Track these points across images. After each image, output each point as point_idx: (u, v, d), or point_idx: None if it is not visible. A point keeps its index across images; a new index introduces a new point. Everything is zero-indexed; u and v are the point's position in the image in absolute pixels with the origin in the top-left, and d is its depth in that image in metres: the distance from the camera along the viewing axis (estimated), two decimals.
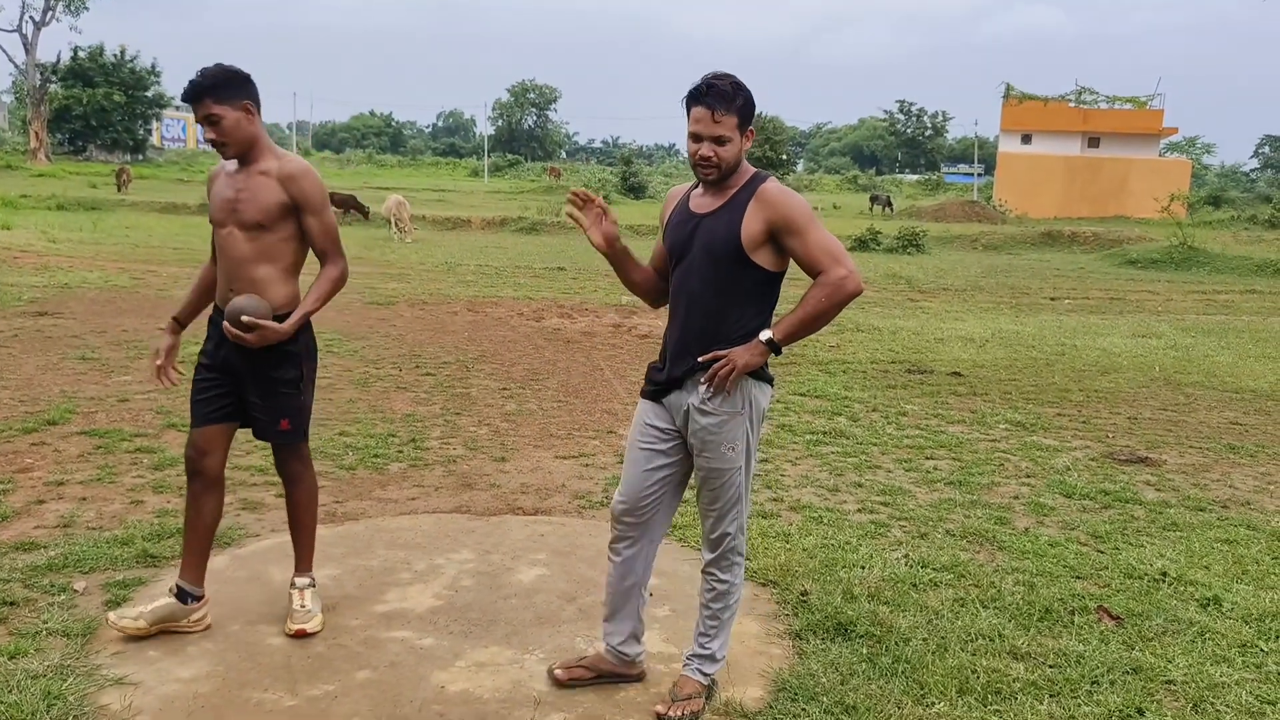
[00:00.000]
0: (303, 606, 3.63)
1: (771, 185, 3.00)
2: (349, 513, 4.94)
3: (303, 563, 3.79)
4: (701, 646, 3.23)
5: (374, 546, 4.49)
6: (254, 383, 3.56)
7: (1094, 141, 47.36)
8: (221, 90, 3.37)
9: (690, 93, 2.94)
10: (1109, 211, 42.19)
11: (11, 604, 3.68)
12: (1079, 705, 3.23)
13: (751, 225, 2.94)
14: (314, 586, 3.75)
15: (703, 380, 3.01)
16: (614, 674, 3.32)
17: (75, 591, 3.81)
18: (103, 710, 3.03)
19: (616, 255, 3.17)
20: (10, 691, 3.05)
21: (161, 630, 3.50)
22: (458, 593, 4.03)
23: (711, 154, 2.93)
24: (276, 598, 3.88)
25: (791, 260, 3.03)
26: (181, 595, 3.55)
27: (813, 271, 2.97)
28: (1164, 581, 4.30)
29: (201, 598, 3.60)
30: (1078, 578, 4.34)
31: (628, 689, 3.32)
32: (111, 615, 3.49)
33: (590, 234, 3.11)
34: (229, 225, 3.48)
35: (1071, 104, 46.56)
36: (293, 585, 3.72)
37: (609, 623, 3.32)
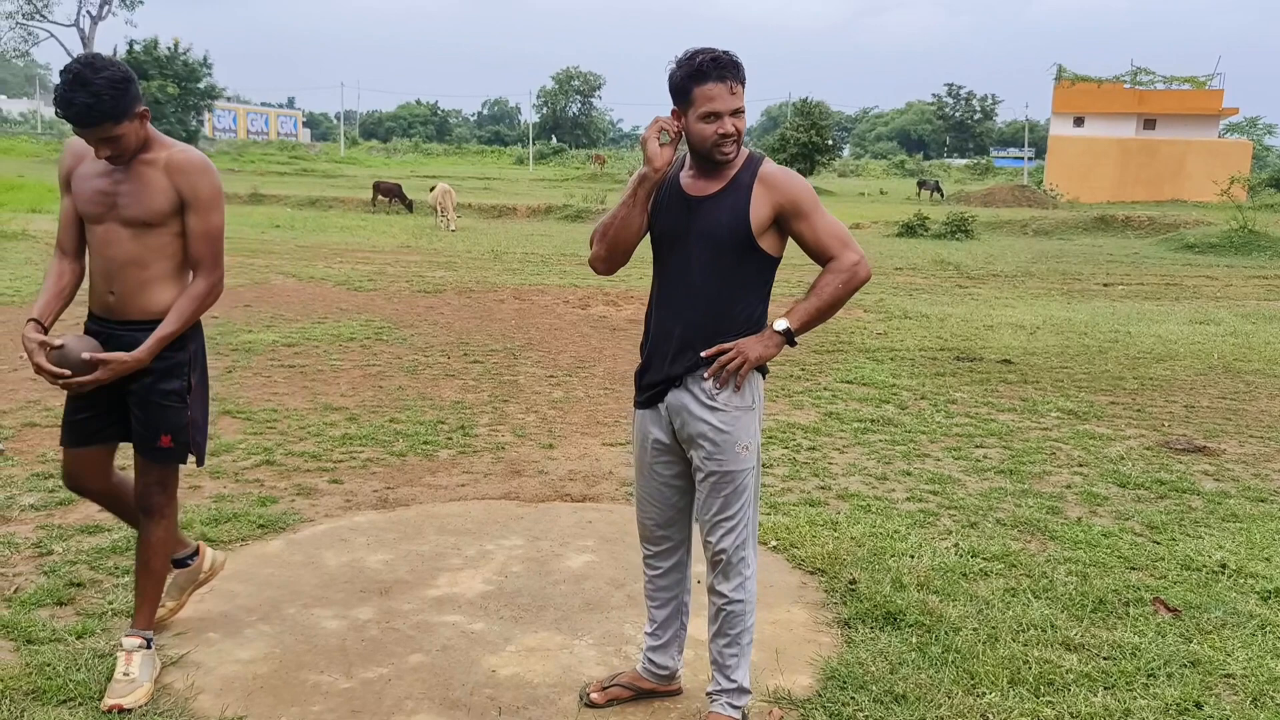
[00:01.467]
0: (126, 675, 3.03)
1: (773, 166, 2.82)
2: (400, 499, 5.01)
3: (141, 618, 3.20)
4: (726, 679, 2.96)
5: (425, 532, 4.56)
6: (134, 394, 3.12)
7: (1150, 123, 46.27)
8: (121, 106, 2.90)
9: (694, 72, 2.67)
10: (1165, 195, 41.24)
11: (79, 585, 3.79)
12: (1135, 698, 3.19)
13: (759, 209, 2.76)
14: (148, 649, 3.13)
15: (706, 375, 2.80)
16: (652, 691, 3.17)
17: None
18: (166, 689, 3.11)
19: (650, 189, 2.82)
20: (78, 670, 3.15)
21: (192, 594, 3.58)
22: (507, 578, 4.07)
23: (733, 130, 2.70)
24: (331, 581, 3.96)
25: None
26: (179, 564, 3.51)
27: (822, 257, 2.81)
28: (1223, 573, 4.23)
29: (196, 551, 3.59)
30: (1132, 569, 4.28)
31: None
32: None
33: (663, 152, 2.74)
34: (107, 221, 3.05)
35: (1126, 85, 45.51)
36: (120, 646, 3.14)
37: (652, 638, 3.15)
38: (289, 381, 7.48)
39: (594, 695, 3.13)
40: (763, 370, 2.90)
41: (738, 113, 2.72)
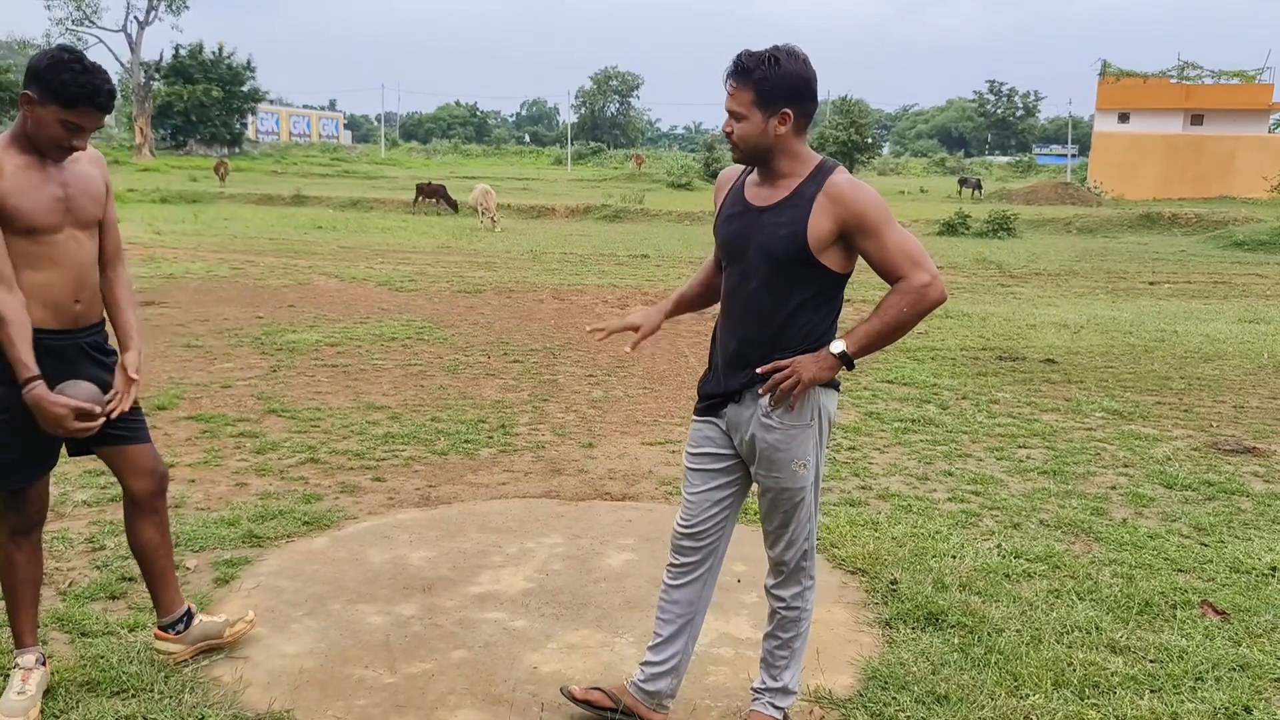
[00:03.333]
0: (21, 693, 2.94)
1: (841, 178, 2.65)
2: (442, 496, 5.06)
3: (25, 635, 3.09)
4: (773, 678, 2.96)
5: (467, 530, 4.60)
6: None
7: (1197, 119, 45.40)
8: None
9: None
10: (1213, 192, 40.44)
11: (130, 580, 3.87)
12: (1182, 701, 3.15)
13: (820, 224, 2.61)
14: (44, 667, 3.06)
15: (762, 391, 2.71)
16: (632, 712, 2.99)
17: (187, 569, 3.98)
18: (215, 682, 3.18)
19: (675, 314, 3.08)
20: (131, 663, 3.22)
21: (207, 649, 3.33)
22: (548, 576, 4.10)
23: (731, 130, 2.65)
24: (375, 578, 4.01)
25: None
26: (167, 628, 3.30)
27: (891, 276, 2.64)
28: (1273, 576, 4.15)
29: (188, 613, 3.33)
30: (1180, 571, 4.22)
31: (717, 675, 3.34)
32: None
33: (640, 343, 3.03)
34: (66, 228, 2.91)
35: (1173, 80, 44.75)
36: (15, 664, 3.04)
37: (651, 655, 3.00)
38: (332, 381, 7.58)
39: (573, 689, 3.06)
40: (835, 385, 2.79)
41: (735, 116, 2.64)
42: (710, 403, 2.86)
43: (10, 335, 2.75)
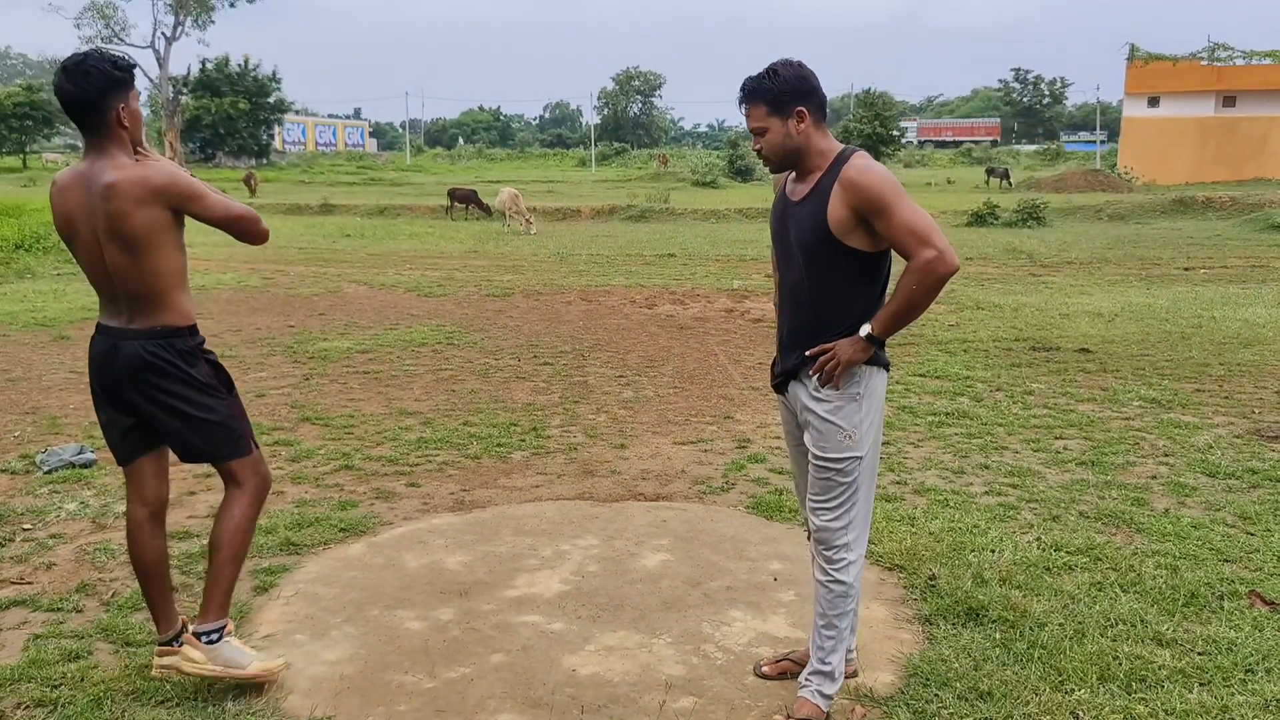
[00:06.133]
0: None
1: (853, 166, 2.82)
2: (476, 500, 5.07)
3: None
4: (820, 661, 3.03)
5: (501, 533, 4.61)
6: None
7: (1229, 100, 44.67)
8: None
9: None
10: (1247, 174, 39.81)
11: (172, 589, 3.90)
12: (1232, 694, 3.09)
13: (837, 211, 2.81)
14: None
15: (811, 372, 2.95)
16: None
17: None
18: (257, 690, 3.20)
19: None
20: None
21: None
22: (584, 578, 4.10)
23: (758, 146, 2.92)
24: (412, 583, 4.03)
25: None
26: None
27: (903, 254, 2.81)
28: None
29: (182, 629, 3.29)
30: (1225, 561, 4.15)
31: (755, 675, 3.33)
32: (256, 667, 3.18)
33: None
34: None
35: (1204, 62, 44.04)
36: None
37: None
38: (364, 387, 7.63)
39: (765, 668, 3.30)
40: (883, 363, 2.97)
41: (757, 132, 2.90)
42: (778, 380, 3.13)
43: None
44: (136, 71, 3.18)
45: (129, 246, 2.98)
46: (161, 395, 3.09)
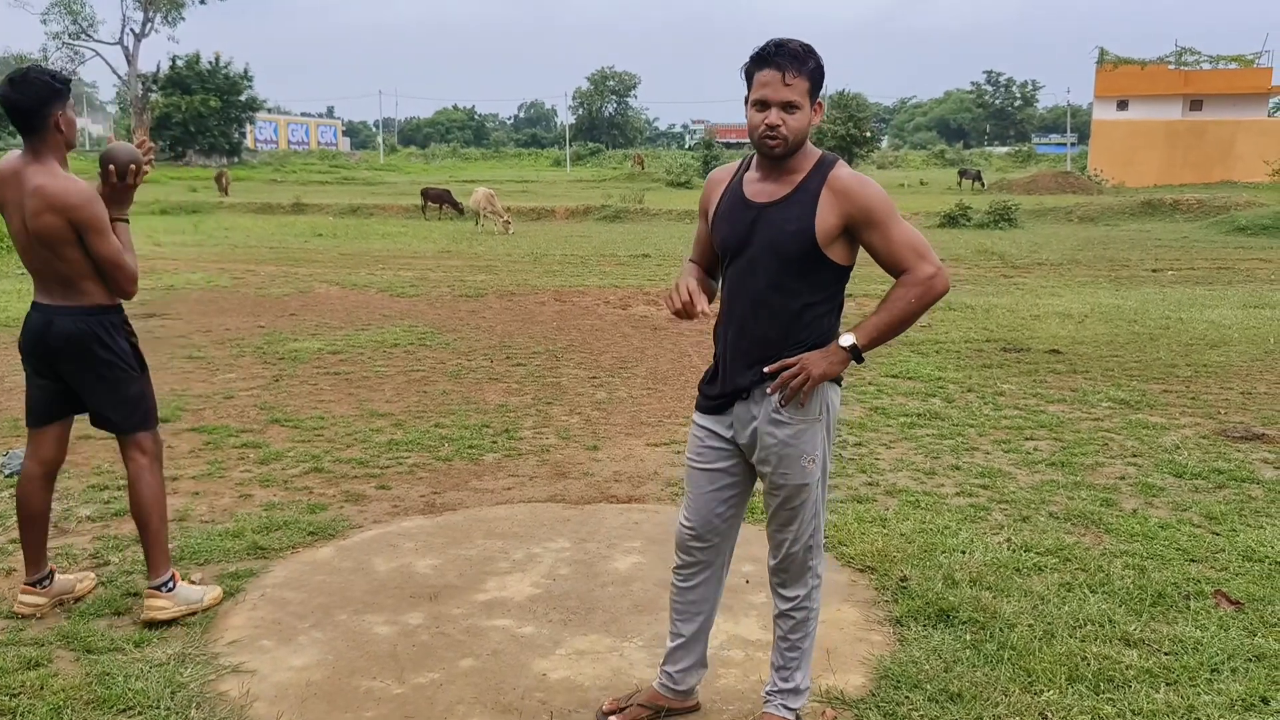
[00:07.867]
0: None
1: (845, 171, 2.67)
2: (447, 503, 5.03)
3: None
4: (783, 680, 2.93)
5: (472, 536, 4.57)
6: None
7: (1196, 104, 45.30)
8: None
9: (755, 56, 2.62)
10: (1214, 177, 40.35)
11: (135, 595, 3.85)
12: (1198, 694, 3.11)
13: (826, 218, 2.62)
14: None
15: (770, 390, 2.70)
16: (669, 709, 3.06)
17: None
18: (222, 697, 3.15)
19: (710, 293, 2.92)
20: (136, 679, 3.20)
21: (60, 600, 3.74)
22: (555, 581, 4.07)
23: (780, 122, 2.58)
24: (381, 587, 3.98)
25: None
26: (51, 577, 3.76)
27: (896, 269, 2.67)
28: None
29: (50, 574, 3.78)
30: (1192, 561, 4.18)
31: (728, 678, 3.31)
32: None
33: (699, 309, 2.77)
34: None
35: (1171, 66, 44.67)
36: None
37: (673, 654, 3.04)
38: (335, 389, 7.56)
39: (611, 717, 3.04)
40: (837, 380, 2.77)
41: (789, 106, 2.58)
42: (717, 401, 2.84)
43: None
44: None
45: (43, 241, 3.45)
46: (89, 365, 3.55)
